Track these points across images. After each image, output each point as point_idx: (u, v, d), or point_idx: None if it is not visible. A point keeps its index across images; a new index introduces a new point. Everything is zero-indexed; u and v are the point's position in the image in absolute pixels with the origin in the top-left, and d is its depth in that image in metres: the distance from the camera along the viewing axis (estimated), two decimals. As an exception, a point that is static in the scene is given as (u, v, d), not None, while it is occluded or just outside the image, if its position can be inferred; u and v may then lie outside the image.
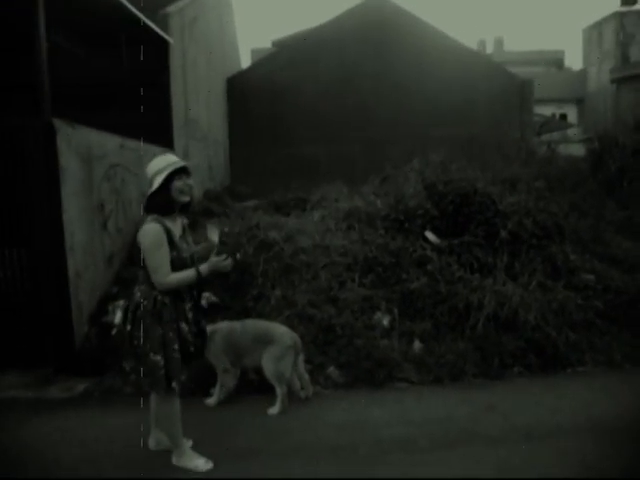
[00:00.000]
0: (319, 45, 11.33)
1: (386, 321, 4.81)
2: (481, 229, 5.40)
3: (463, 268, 5.15)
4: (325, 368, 4.40)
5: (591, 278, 5.25)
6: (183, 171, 2.94)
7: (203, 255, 3.06)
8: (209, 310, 4.54)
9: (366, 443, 3.39)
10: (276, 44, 15.12)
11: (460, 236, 5.40)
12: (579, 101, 23.07)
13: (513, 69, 13.07)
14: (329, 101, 11.13)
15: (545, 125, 13.62)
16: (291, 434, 3.52)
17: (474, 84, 11.02)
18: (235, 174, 11.29)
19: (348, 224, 6.07)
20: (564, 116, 22.30)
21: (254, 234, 5.64)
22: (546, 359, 4.53)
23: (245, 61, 15.15)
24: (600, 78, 21.29)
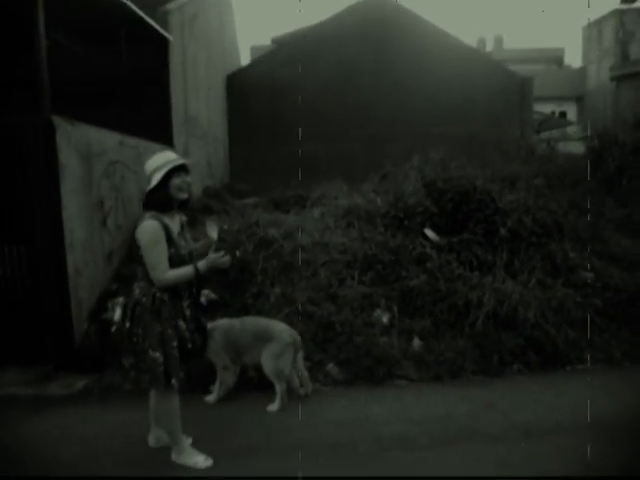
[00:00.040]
0: (319, 43, 11.30)
1: (386, 318, 4.81)
2: (480, 227, 5.40)
3: (462, 266, 5.16)
4: (324, 365, 4.40)
5: (590, 276, 5.26)
6: (182, 169, 2.94)
7: (202, 252, 3.05)
8: (208, 307, 4.54)
9: (365, 440, 3.39)
10: (276, 41, 15.10)
11: (459, 234, 5.41)
12: (579, 99, 23.02)
13: (513, 67, 13.06)
14: (329, 99, 11.11)
15: (545, 123, 13.61)
16: (290, 431, 3.53)
17: (474, 82, 11.00)
18: (235, 171, 11.28)
19: (348, 222, 6.07)
20: (564, 114, 22.26)
21: (254, 231, 5.65)
22: (545, 357, 4.54)
23: (245, 58, 15.12)
24: (600, 76, 21.25)
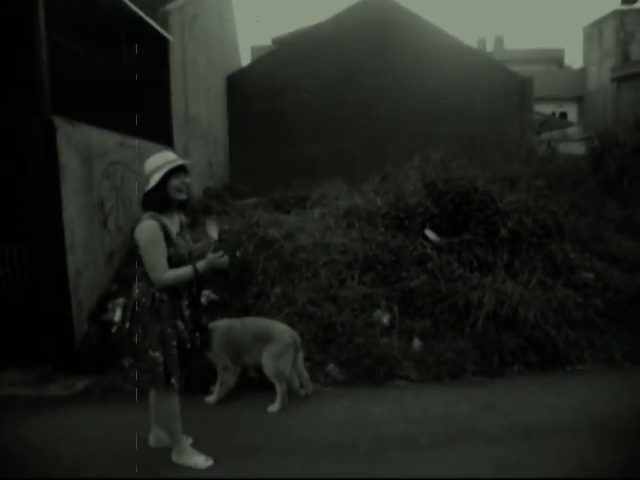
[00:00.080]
0: (319, 43, 11.31)
1: (386, 319, 4.81)
2: (481, 227, 5.40)
3: (463, 266, 5.16)
4: (325, 366, 4.40)
5: (591, 276, 5.26)
6: (181, 169, 2.94)
7: (202, 252, 3.05)
8: (209, 308, 4.54)
9: (366, 441, 3.39)
10: (276, 42, 15.09)
11: (460, 234, 5.41)
12: (579, 99, 23.05)
13: (513, 67, 13.05)
14: (329, 99, 11.11)
15: (545, 123, 13.61)
16: (291, 432, 3.53)
17: (474, 82, 11.00)
18: (235, 172, 11.28)
19: (348, 222, 6.07)
20: (564, 114, 22.28)
21: (254, 232, 5.64)
22: (546, 357, 4.54)
23: (245, 59, 15.14)
24: (600, 76, 21.28)
